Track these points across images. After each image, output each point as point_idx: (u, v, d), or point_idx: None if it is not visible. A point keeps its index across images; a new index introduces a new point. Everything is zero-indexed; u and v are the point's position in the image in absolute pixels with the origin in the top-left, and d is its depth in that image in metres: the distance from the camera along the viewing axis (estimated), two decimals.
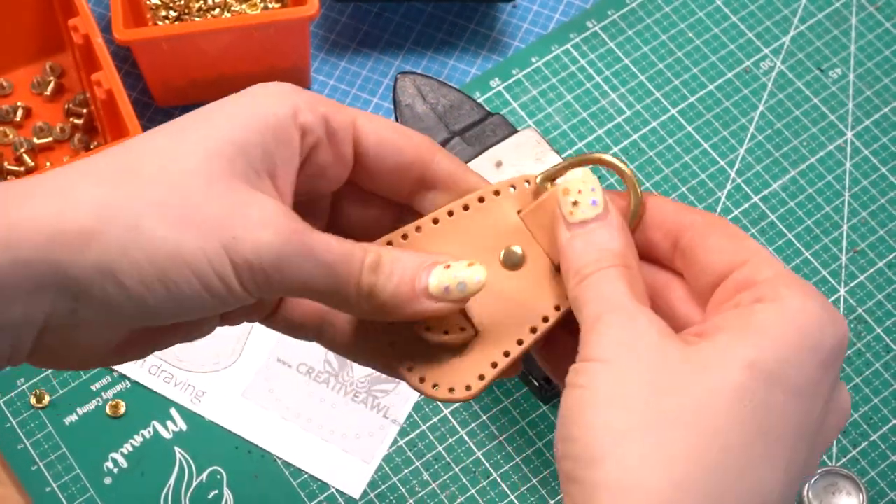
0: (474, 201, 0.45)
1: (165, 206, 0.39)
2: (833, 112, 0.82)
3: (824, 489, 0.67)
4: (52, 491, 0.70)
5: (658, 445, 0.38)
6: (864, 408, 0.72)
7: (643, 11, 0.85)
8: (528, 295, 0.44)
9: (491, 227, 0.45)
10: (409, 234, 0.45)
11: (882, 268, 0.76)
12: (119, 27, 0.75)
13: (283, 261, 0.40)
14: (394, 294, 0.42)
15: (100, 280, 0.38)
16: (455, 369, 0.45)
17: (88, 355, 0.42)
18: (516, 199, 0.45)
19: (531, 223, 0.45)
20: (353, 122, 0.43)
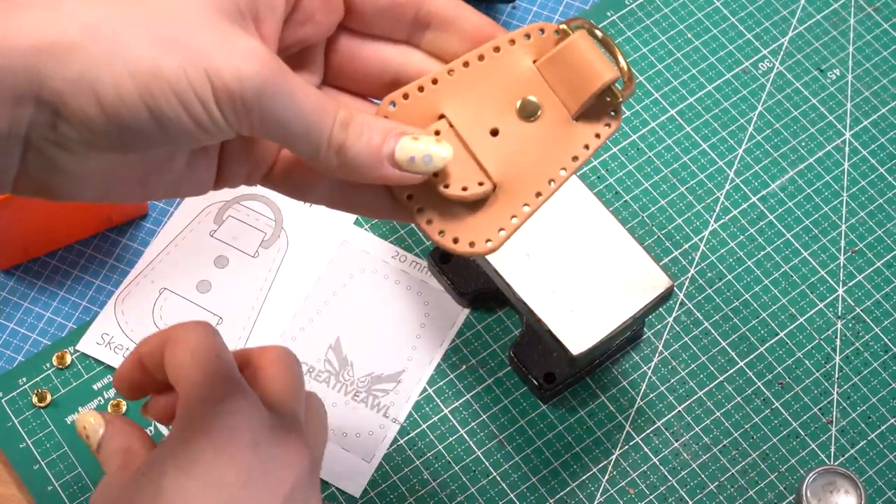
0: (489, 51, 0.45)
1: (152, 27, 0.39)
2: (831, 112, 0.82)
3: (822, 488, 0.68)
4: (53, 490, 0.70)
5: None
6: (861, 407, 0.73)
7: (642, 12, 0.85)
8: (546, 146, 0.44)
9: (507, 76, 0.44)
10: (424, 85, 0.45)
11: (880, 267, 0.77)
12: None
13: (264, 94, 0.40)
14: (359, 153, 0.42)
15: (78, 93, 0.38)
16: (475, 223, 0.44)
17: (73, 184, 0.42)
18: (532, 48, 0.45)
19: (547, 72, 0.45)
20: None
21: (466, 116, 0.44)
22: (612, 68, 0.44)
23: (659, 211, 0.78)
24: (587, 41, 0.44)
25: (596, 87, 0.44)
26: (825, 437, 0.72)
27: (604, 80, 0.44)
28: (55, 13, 0.39)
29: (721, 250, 0.77)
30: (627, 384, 0.73)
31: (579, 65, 0.44)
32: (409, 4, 0.45)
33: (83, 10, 0.39)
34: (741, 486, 0.70)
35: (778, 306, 0.75)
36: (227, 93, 0.39)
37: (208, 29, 0.40)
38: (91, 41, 0.38)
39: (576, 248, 0.68)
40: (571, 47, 0.44)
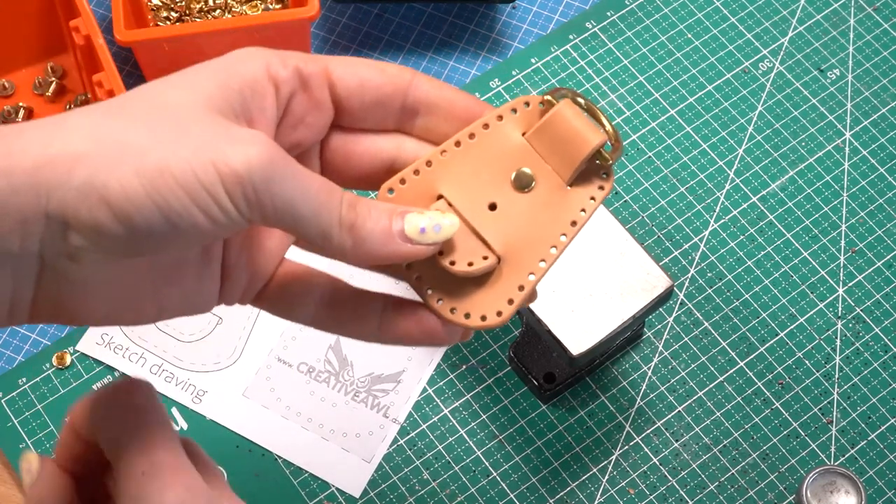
0: (479, 128, 0.46)
1: (154, 128, 0.40)
2: (831, 112, 0.82)
3: (823, 488, 0.68)
4: None
5: None
6: (862, 407, 0.72)
7: (642, 12, 0.85)
8: (544, 215, 0.46)
9: (498, 151, 0.46)
10: (420, 169, 0.46)
11: (880, 267, 0.77)
12: (120, 28, 0.75)
13: (272, 177, 0.40)
14: (372, 231, 0.43)
15: (86, 200, 0.38)
16: (484, 297, 0.45)
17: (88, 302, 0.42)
18: (519, 121, 0.46)
19: (537, 143, 0.46)
20: (325, 68, 0.45)
21: (464, 194, 0.45)
22: (599, 133, 0.45)
23: (659, 211, 0.78)
24: (572, 109, 0.46)
25: (585, 152, 0.45)
26: (825, 438, 0.72)
27: (592, 145, 0.45)
28: (58, 129, 0.39)
29: (721, 250, 0.77)
30: (627, 384, 0.73)
31: (567, 133, 0.45)
32: (395, 95, 0.46)
33: (85, 122, 0.40)
34: (741, 487, 0.70)
35: (778, 306, 0.75)
36: (237, 180, 0.39)
37: (208, 124, 0.40)
38: (94, 149, 0.39)
39: (576, 247, 0.68)
40: (557, 117, 0.45)
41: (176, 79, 0.43)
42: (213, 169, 0.39)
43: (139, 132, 0.39)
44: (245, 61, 0.43)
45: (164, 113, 0.41)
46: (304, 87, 0.44)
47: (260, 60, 0.43)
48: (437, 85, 0.46)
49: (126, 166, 0.39)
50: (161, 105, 0.41)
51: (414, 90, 0.46)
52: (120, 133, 0.39)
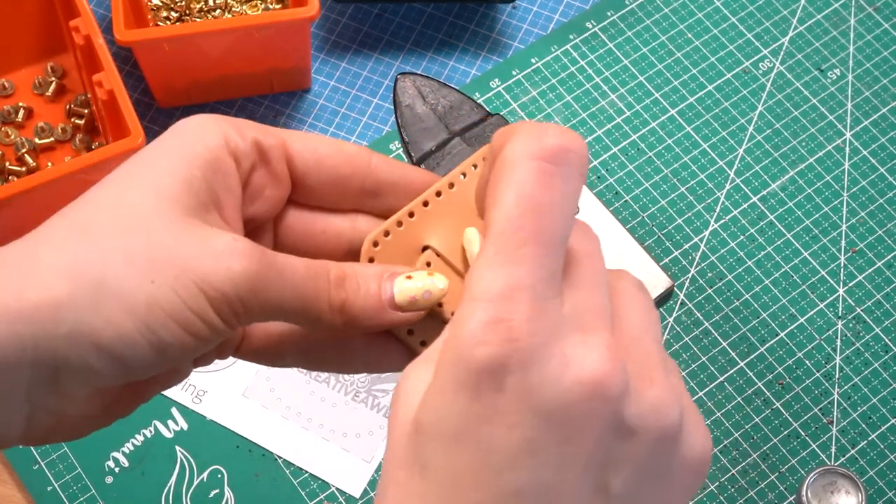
0: (445, 187, 0.45)
1: (129, 255, 0.39)
2: (832, 112, 0.82)
3: (823, 488, 0.68)
4: (53, 490, 0.70)
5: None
6: (862, 407, 0.72)
7: (642, 12, 0.85)
8: None
9: (466, 208, 0.45)
10: (402, 220, 0.45)
11: (880, 267, 0.77)
12: (120, 28, 0.75)
13: (256, 286, 0.39)
14: (363, 308, 0.42)
15: (76, 346, 0.38)
16: None
17: (80, 423, 0.42)
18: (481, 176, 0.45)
19: None
20: (283, 141, 0.44)
21: (450, 242, 0.45)
22: None
23: (659, 211, 0.78)
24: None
25: None
26: (826, 438, 0.72)
27: None
28: (33, 269, 0.38)
29: (721, 250, 0.77)
30: None
31: None
32: (355, 176, 0.45)
33: (55, 260, 0.38)
34: (741, 487, 0.70)
35: (778, 306, 0.75)
36: (224, 298, 0.39)
37: (183, 236, 0.39)
38: (75, 291, 0.38)
39: None
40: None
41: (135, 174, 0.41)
42: (200, 293, 0.39)
43: (116, 264, 0.38)
44: (202, 137, 0.42)
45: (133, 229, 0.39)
46: (263, 161, 0.43)
47: (217, 134, 0.42)
48: (395, 165, 0.45)
49: (111, 305, 0.38)
50: (127, 216, 0.40)
51: (374, 172, 0.45)
52: (97, 268, 0.38)
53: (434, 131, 0.73)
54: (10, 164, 0.79)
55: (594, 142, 0.81)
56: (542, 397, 0.35)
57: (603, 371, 0.35)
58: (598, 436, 0.35)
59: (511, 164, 0.36)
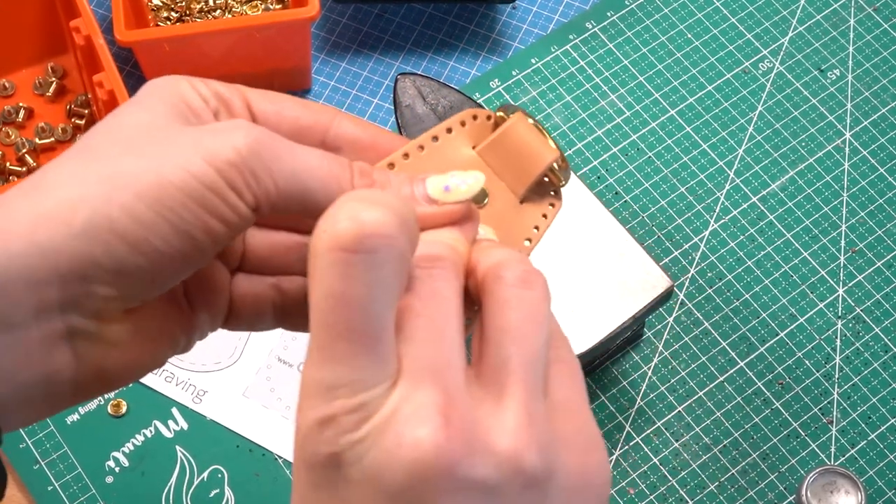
0: (428, 141, 0.44)
1: (131, 150, 0.38)
2: (831, 113, 0.82)
3: (823, 488, 0.68)
4: (53, 490, 0.70)
5: None
6: (862, 407, 0.73)
7: (642, 12, 0.85)
8: (499, 230, 0.44)
9: (449, 164, 0.44)
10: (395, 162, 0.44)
11: (880, 267, 0.77)
12: (121, 28, 0.75)
13: (266, 154, 0.39)
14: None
15: (99, 243, 0.37)
16: None
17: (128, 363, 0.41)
18: (468, 134, 0.45)
19: (489, 157, 0.44)
20: (244, 96, 0.43)
21: None
22: (552, 149, 0.44)
23: (659, 211, 0.78)
24: (525, 124, 0.44)
25: (541, 167, 0.44)
26: (825, 438, 0.72)
27: (547, 161, 0.44)
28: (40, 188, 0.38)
29: (721, 250, 0.77)
30: (627, 384, 0.73)
31: (521, 148, 0.44)
32: (315, 129, 0.44)
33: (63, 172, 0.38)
34: (741, 487, 0.70)
35: (778, 306, 0.75)
36: (235, 169, 0.38)
37: (181, 131, 0.39)
38: (85, 191, 0.37)
39: (576, 248, 0.68)
40: (512, 131, 0.44)
41: (123, 111, 0.41)
42: (208, 166, 0.38)
43: (121, 160, 0.38)
44: (170, 83, 0.42)
45: (133, 136, 0.39)
46: (226, 109, 0.43)
47: (183, 81, 0.42)
48: (361, 124, 0.44)
49: (123, 194, 0.37)
50: (127, 131, 0.40)
51: (335, 127, 0.44)
52: (103, 168, 0.38)
53: None
54: (11, 164, 0.80)
55: (594, 142, 0.81)
56: (385, 481, 0.34)
57: (436, 441, 0.34)
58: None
59: (314, 256, 0.35)
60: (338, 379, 0.34)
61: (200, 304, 0.45)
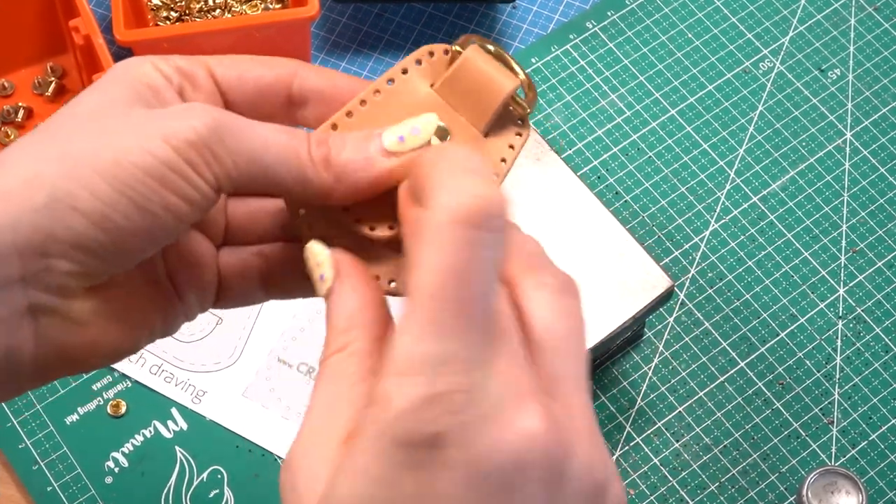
0: (383, 84, 0.43)
1: (94, 128, 0.39)
2: (832, 112, 0.82)
3: (823, 488, 0.67)
4: (53, 490, 0.70)
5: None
6: (862, 407, 0.72)
7: (643, 12, 0.85)
8: None
9: (407, 105, 0.43)
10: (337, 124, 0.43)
11: (881, 267, 0.77)
12: (120, 28, 0.75)
13: (223, 134, 0.39)
14: (350, 159, 0.40)
15: (59, 218, 0.38)
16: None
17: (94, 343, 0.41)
18: (425, 72, 0.43)
19: (447, 94, 0.43)
20: (206, 64, 0.43)
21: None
22: (512, 77, 0.43)
23: (659, 211, 0.78)
24: (481, 55, 0.43)
25: (500, 98, 0.42)
26: (826, 438, 0.72)
27: (506, 90, 0.42)
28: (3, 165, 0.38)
29: (721, 250, 0.77)
30: (628, 384, 0.73)
31: (478, 80, 0.43)
32: (278, 85, 0.44)
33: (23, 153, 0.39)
34: (742, 487, 0.70)
35: (779, 306, 0.75)
36: (193, 148, 0.38)
37: (140, 113, 0.40)
38: (44, 168, 0.38)
39: (576, 248, 0.68)
40: (466, 64, 0.43)
41: (84, 96, 0.41)
42: (167, 145, 0.38)
43: (80, 139, 0.39)
44: (132, 66, 0.42)
45: (93, 117, 0.40)
46: (190, 82, 0.43)
47: (145, 62, 0.42)
48: (324, 73, 0.44)
49: (83, 171, 0.38)
50: (86, 113, 0.40)
51: (300, 80, 0.44)
52: (62, 146, 0.38)
53: None
54: None
55: (594, 141, 0.81)
56: (482, 469, 0.33)
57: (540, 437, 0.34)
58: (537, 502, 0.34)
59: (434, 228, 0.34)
60: (450, 355, 0.33)
61: (187, 284, 0.45)
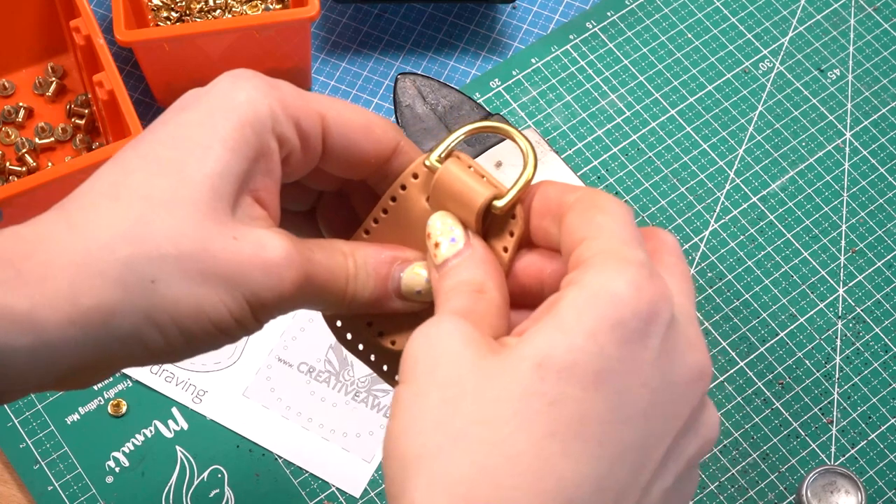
0: (388, 202, 0.46)
1: (181, 261, 0.39)
2: (832, 113, 0.82)
3: (823, 488, 0.68)
4: (53, 490, 0.70)
5: (442, 471, 0.36)
6: (862, 407, 0.73)
7: (642, 12, 0.85)
8: None
9: (413, 218, 0.46)
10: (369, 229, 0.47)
11: (880, 267, 0.77)
12: (121, 28, 0.75)
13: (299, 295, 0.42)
14: (371, 297, 0.44)
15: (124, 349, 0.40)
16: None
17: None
18: (422, 186, 0.45)
19: (436, 206, 0.45)
20: (322, 118, 0.43)
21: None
22: (486, 187, 0.43)
23: (659, 211, 0.78)
24: (456, 166, 0.44)
25: (476, 210, 0.44)
26: (825, 437, 0.72)
27: (479, 203, 0.43)
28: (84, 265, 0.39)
29: (721, 250, 0.77)
30: None
31: (457, 192, 0.44)
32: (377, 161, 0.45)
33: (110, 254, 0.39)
34: (741, 486, 0.70)
35: (778, 306, 0.75)
36: (265, 308, 0.41)
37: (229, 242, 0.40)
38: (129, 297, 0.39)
39: None
40: (442, 179, 0.44)
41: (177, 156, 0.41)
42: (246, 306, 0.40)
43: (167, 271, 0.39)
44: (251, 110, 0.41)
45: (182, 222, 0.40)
46: (303, 144, 0.43)
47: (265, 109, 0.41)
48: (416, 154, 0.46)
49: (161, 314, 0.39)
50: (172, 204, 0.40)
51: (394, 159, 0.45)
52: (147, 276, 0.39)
53: (434, 131, 0.73)
54: (11, 164, 0.80)
55: (594, 142, 0.81)
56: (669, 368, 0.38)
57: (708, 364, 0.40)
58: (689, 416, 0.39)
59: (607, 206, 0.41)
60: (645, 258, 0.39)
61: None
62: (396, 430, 0.38)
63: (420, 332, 0.39)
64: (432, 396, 0.37)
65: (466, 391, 0.37)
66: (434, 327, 0.39)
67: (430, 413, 0.37)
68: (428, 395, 0.38)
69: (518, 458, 0.36)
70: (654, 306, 0.37)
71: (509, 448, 0.36)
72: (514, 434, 0.36)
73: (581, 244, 0.39)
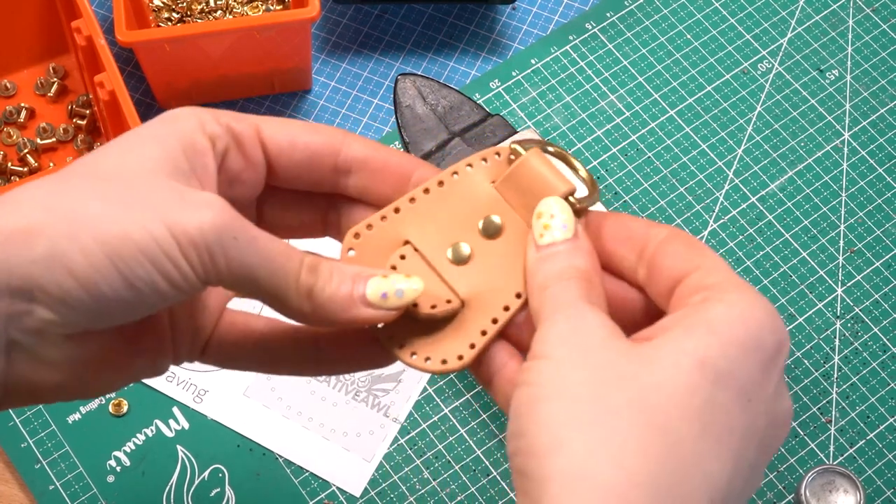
0: (448, 176, 0.46)
1: (105, 194, 0.40)
2: (830, 113, 0.82)
3: (821, 487, 0.68)
4: (55, 489, 0.70)
5: (605, 437, 0.38)
6: (860, 406, 0.73)
7: (642, 13, 0.86)
8: (510, 262, 0.45)
9: (467, 198, 0.46)
10: (387, 215, 0.46)
11: (879, 267, 0.77)
12: (122, 29, 0.75)
13: (226, 240, 0.41)
14: (332, 297, 0.43)
15: (50, 271, 0.39)
16: (445, 341, 0.45)
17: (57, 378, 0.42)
18: (489, 170, 0.46)
19: (506, 192, 0.46)
20: (256, 126, 0.45)
21: (430, 239, 0.46)
22: (565, 181, 0.45)
23: (659, 211, 0.79)
24: (539, 158, 0.45)
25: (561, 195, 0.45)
26: (824, 437, 0.72)
27: (557, 193, 0.45)
28: (9, 204, 0.40)
29: (720, 250, 0.77)
30: None
31: (533, 181, 0.45)
32: (326, 154, 0.46)
33: (36, 194, 0.40)
34: None
35: (777, 306, 0.76)
36: (192, 245, 0.40)
37: (160, 188, 0.41)
38: (50, 219, 0.39)
39: None
40: (524, 166, 0.45)
41: (118, 145, 0.43)
42: (170, 234, 0.40)
43: (92, 201, 0.40)
44: (179, 120, 0.44)
45: (114, 180, 0.41)
46: (237, 144, 0.44)
47: (193, 118, 0.44)
48: (370, 144, 0.46)
49: (85, 236, 0.39)
50: (109, 173, 0.41)
51: (346, 149, 0.46)
52: (73, 202, 0.40)
53: (434, 132, 0.73)
54: (13, 164, 0.80)
55: (594, 142, 0.81)
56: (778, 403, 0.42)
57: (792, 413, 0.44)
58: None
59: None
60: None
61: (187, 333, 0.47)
62: (538, 396, 0.40)
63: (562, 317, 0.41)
64: (583, 374, 0.39)
65: (623, 374, 0.39)
66: (574, 309, 0.41)
67: (583, 388, 0.39)
68: (578, 372, 0.40)
69: (679, 446, 0.38)
70: (785, 341, 0.41)
71: (673, 434, 0.38)
72: (677, 422, 0.38)
73: (697, 271, 0.42)
